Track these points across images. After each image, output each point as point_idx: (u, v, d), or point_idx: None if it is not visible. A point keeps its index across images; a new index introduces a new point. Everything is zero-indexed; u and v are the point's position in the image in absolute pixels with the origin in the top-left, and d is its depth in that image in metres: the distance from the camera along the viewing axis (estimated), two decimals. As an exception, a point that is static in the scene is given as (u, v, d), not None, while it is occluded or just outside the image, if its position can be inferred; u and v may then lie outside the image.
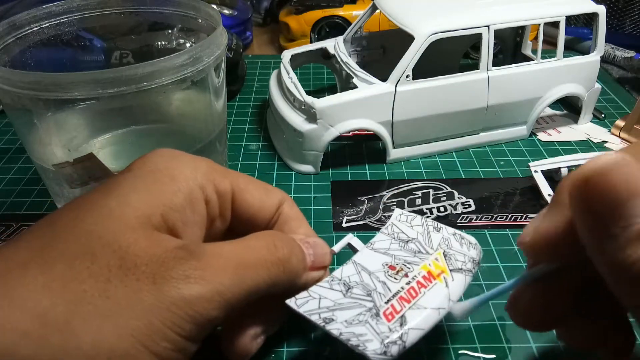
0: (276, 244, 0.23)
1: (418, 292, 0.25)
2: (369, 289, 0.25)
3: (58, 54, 0.41)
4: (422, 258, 0.26)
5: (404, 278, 0.25)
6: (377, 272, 0.25)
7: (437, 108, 0.46)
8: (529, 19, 0.45)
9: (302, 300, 0.24)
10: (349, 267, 0.26)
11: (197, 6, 0.39)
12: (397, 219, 0.29)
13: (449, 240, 0.28)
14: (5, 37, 0.35)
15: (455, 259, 0.27)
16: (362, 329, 0.23)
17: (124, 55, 0.46)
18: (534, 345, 0.31)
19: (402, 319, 0.23)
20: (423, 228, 0.29)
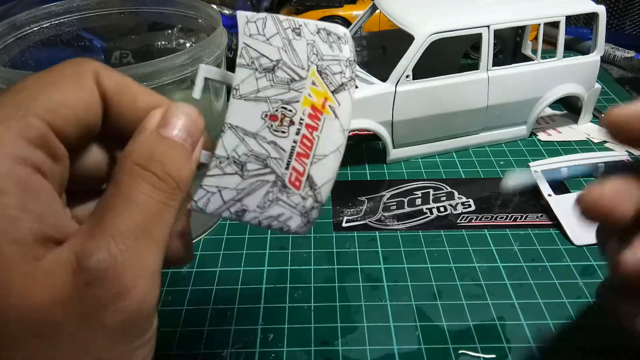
0: (159, 175, 0.18)
1: (312, 139, 0.22)
2: (263, 158, 0.22)
3: (58, 54, 0.41)
4: (299, 88, 0.23)
5: (292, 126, 0.22)
6: (260, 131, 0.22)
7: (437, 108, 0.45)
8: (529, 19, 0.45)
9: (202, 201, 0.22)
10: (229, 137, 0.22)
11: (197, 6, 0.39)
12: (247, 34, 0.23)
13: (316, 45, 0.24)
14: (6, 37, 0.35)
15: (331, 72, 0.23)
16: (277, 209, 0.22)
17: (124, 55, 0.46)
18: (534, 345, 0.31)
19: (309, 180, 0.22)
20: (282, 38, 0.24)
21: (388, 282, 0.35)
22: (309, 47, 0.23)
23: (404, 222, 0.41)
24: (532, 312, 0.33)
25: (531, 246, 0.38)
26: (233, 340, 0.32)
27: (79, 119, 0.18)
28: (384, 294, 0.34)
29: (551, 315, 0.33)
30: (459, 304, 0.34)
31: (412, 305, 0.34)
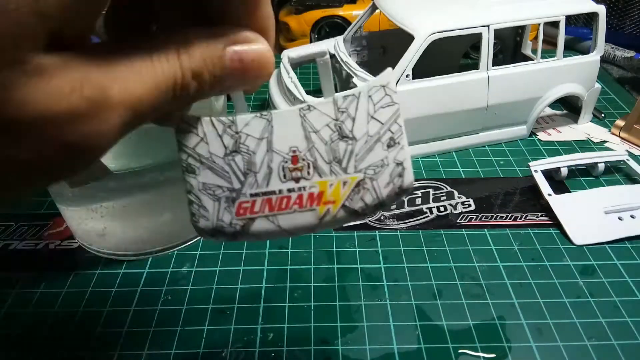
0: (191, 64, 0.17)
1: (289, 207, 0.21)
2: (250, 169, 0.21)
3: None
4: (333, 172, 0.22)
5: (291, 182, 0.21)
6: (277, 153, 0.21)
7: (437, 108, 0.45)
8: (529, 19, 0.45)
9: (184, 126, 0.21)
10: (257, 123, 0.21)
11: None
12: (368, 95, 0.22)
13: (386, 163, 0.22)
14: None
15: (361, 197, 0.22)
16: (209, 203, 0.21)
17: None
18: (534, 345, 0.31)
19: (248, 220, 0.21)
20: (378, 132, 0.22)
21: (388, 281, 0.35)
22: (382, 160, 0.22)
23: (403, 222, 0.41)
24: (532, 311, 0.33)
25: (531, 246, 0.38)
26: (233, 340, 0.31)
27: None
28: (384, 293, 0.34)
29: (551, 315, 0.33)
30: (459, 303, 0.34)
31: (412, 305, 0.34)
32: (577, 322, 0.32)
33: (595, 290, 0.35)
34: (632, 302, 0.34)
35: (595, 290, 0.35)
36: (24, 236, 0.39)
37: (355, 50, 0.54)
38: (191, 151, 0.21)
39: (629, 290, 0.35)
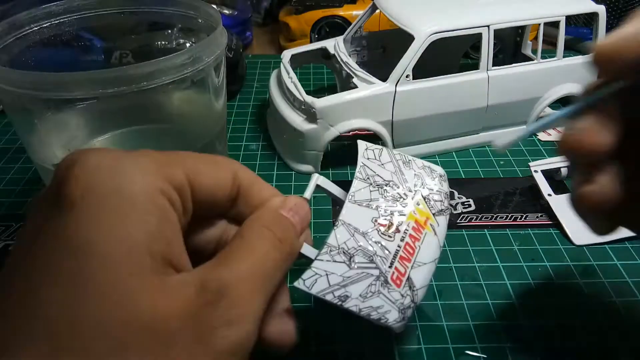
0: (279, 237, 0.22)
1: (414, 248, 0.26)
2: (370, 254, 0.25)
3: (58, 53, 0.41)
4: (405, 205, 0.27)
5: (397, 234, 0.26)
6: (369, 231, 0.26)
7: (437, 108, 0.45)
8: (529, 19, 0.45)
9: (309, 281, 0.24)
10: (341, 231, 0.25)
11: (197, 6, 0.39)
12: (366, 157, 0.28)
13: (422, 176, 0.29)
14: (5, 37, 0.35)
15: (433, 199, 0.28)
16: (378, 301, 0.24)
17: (124, 55, 0.46)
18: (534, 345, 0.31)
19: (409, 281, 0.25)
20: (394, 165, 0.29)
21: (388, 281, 0.35)
22: (416, 177, 0.29)
23: (404, 222, 0.41)
24: (531, 311, 0.33)
25: (531, 246, 0.38)
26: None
27: (210, 191, 0.22)
28: (384, 293, 0.34)
29: (552, 315, 0.33)
30: (459, 303, 0.34)
31: (412, 305, 0.34)
32: (577, 323, 0.32)
33: (595, 291, 0.35)
34: (632, 303, 0.34)
35: (595, 290, 0.35)
36: (24, 236, 0.39)
37: (355, 50, 0.54)
38: (330, 288, 0.24)
39: (629, 291, 0.35)
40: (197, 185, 0.21)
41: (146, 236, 0.18)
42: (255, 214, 0.23)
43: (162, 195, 0.19)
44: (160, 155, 0.21)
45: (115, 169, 0.19)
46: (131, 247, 0.17)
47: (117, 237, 0.17)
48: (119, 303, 0.17)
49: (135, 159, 0.20)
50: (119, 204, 0.18)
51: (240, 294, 0.19)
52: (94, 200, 0.18)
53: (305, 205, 0.25)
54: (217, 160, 0.23)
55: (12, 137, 0.52)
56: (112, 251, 0.17)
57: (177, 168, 0.21)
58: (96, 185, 0.18)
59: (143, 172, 0.19)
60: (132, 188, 0.18)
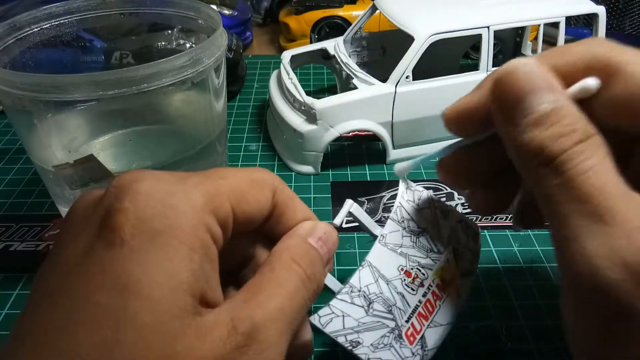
0: (309, 275, 0.21)
1: (434, 306, 0.26)
2: (389, 304, 0.25)
3: (58, 54, 0.41)
4: (435, 259, 0.27)
5: (420, 288, 0.26)
6: (394, 279, 0.25)
7: (437, 109, 0.45)
8: (528, 20, 0.45)
9: (325, 318, 0.23)
10: (366, 273, 0.25)
11: (197, 7, 0.39)
12: (404, 198, 0.28)
13: (457, 231, 0.28)
14: (6, 38, 0.35)
15: (463, 257, 0.27)
16: (388, 354, 0.24)
17: (124, 56, 0.46)
18: (534, 347, 0.31)
19: (422, 340, 0.25)
20: (431, 213, 0.28)
21: (388, 283, 0.35)
22: (451, 230, 0.28)
23: (404, 223, 0.41)
24: (531, 312, 0.33)
25: (531, 247, 0.38)
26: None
27: (251, 214, 0.22)
28: (384, 294, 0.34)
29: (551, 316, 0.33)
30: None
31: (412, 306, 0.34)
32: (577, 324, 0.32)
33: (595, 292, 0.35)
34: (632, 304, 0.34)
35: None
36: (25, 237, 0.40)
37: (355, 51, 0.54)
38: (343, 330, 0.23)
39: (629, 292, 0.35)
40: (239, 213, 0.21)
41: (190, 275, 0.18)
42: (284, 243, 0.23)
43: (207, 232, 0.19)
44: (210, 184, 0.20)
45: (167, 204, 0.18)
46: (176, 288, 0.17)
47: (164, 278, 0.17)
48: (158, 345, 0.16)
49: (186, 192, 0.19)
50: (169, 243, 0.18)
51: (270, 337, 0.19)
52: (145, 238, 0.17)
53: (334, 234, 0.24)
54: (261, 180, 0.23)
55: (12, 138, 0.52)
56: (158, 292, 0.17)
57: (224, 199, 0.20)
58: (148, 223, 0.18)
59: (193, 208, 0.19)
60: (182, 227, 0.18)
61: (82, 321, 0.16)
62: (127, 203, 0.18)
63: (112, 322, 0.16)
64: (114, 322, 0.16)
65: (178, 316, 0.17)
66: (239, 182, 0.21)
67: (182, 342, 0.17)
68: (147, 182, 0.19)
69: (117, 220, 0.18)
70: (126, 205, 0.18)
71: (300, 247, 0.23)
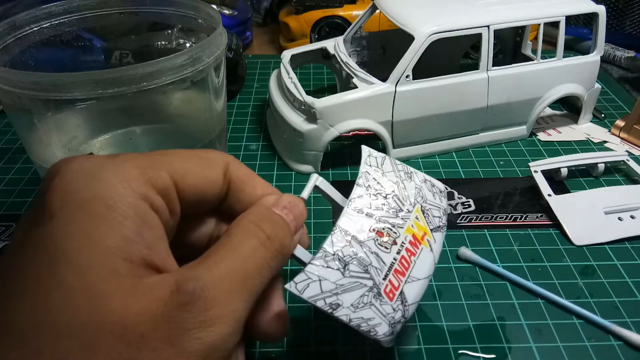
0: (268, 234, 0.21)
1: (409, 262, 0.26)
2: (365, 264, 0.25)
3: (58, 54, 0.41)
4: (404, 218, 0.27)
5: (394, 246, 0.26)
6: (367, 241, 0.25)
7: (437, 108, 0.45)
8: (528, 19, 0.45)
9: (302, 284, 0.23)
10: (338, 237, 0.25)
11: (197, 6, 0.39)
12: (368, 164, 0.28)
13: (422, 190, 0.29)
14: (5, 37, 0.35)
15: (432, 214, 0.28)
16: (369, 313, 0.24)
17: (124, 56, 0.46)
18: (534, 345, 0.31)
19: (401, 295, 0.25)
20: (396, 175, 0.28)
21: (388, 282, 0.35)
22: (417, 189, 0.28)
23: (403, 222, 0.40)
24: (531, 312, 0.33)
25: (531, 246, 0.38)
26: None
27: (199, 189, 0.22)
28: (384, 294, 0.34)
29: (551, 316, 0.33)
30: (459, 304, 0.34)
31: (412, 305, 0.34)
32: (577, 323, 0.32)
33: (595, 291, 0.35)
34: (632, 303, 0.34)
35: (595, 290, 0.35)
36: (24, 237, 0.39)
37: (355, 50, 0.54)
38: (321, 294, 0.23)
39: (629, 291, 0.35)
40: (184, 186, 0.21)
41: (122, 240, 0.18)
42: (246, 212, 0.22)
43: (143, 201, 0.19)
44: (145, 159, 0.21)
45: (95, 176, 0.19)
46: (103, 252, 0.18)
47: (90, 243, 0.18)
48: (87, 306, 0.17)
49: (116, 165, 0.20)
50: (95, 211, 0.18)
51: (217, 295, 0.18)
52: (72, 209, 0.18)
53: (300, 204, 0.24)
54: (208, 157, 0.23)
55: (12, 137, 0.52)
56: (85, 257, 0.17)
57: (162, 171, 0.20)
58: (74, 194, 0.18)
59: (123, 178, 0.19)
60: (109, 194, 0.19)
61: (14, 294, 0.17)
62: (57, 181, 0.19)
63: (42, 290, 0.17)
64: (45, 290, 0.17)
65: (107, 278, 0.17)
66: (180, 159, 0.22)
67: (115, 301, 0.17)
68: (77, 160, 0.20)
69: (46, 197, 0.18)
70: (55, 183, 0.19)
71: (261, 212, 0.23)
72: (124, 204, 0.19)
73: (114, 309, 0.17)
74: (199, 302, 0.18)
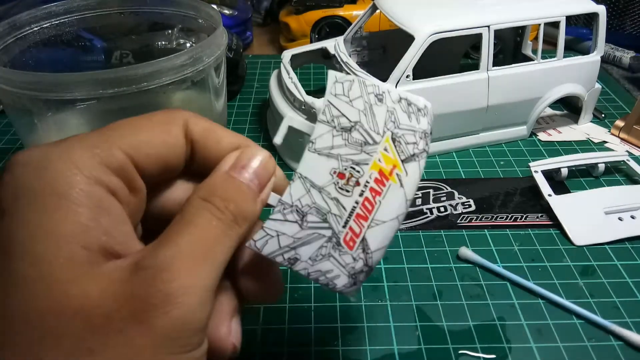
0: (218, 206, 0.20)
1: (374, 203, 0.23)
2: (324, 212, 0.23)
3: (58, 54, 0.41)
4: (370, 152, 0.24)
5: (356, 187, 0.23)
6: (326, 186, 0.23)
7: (437, 108, 0.45)
8: (529, 19, 0.45)
9: (261, 242, 0.22)
10: (296, 187, 0.23)
11: (197, 6, 0.39)
12: (333, 93, 0.24)
13: (395, 112, 0.24)
14: (6, 38, 0.35)
15: (405, 141, 0.24)
16: (327, 265, 0.23)
17: (125, 55, 0.46)
18: (534, 346, 0.31)
19: (363, 242, 0.23)
20: (364, 102, 0.24)
21: (388, 282, 0.35)
22: (388, 113, 0.24)
23: (404, 222, 0.40)
24: (532, 312, 0.33)
25: (531, 246, 0.38)
26: (233, 340, 0.31)
27: (160, 157, 0.21)
28: (384, 294, 0.34)
29: (551, 316, 0.33)
30: (459, 304, 0.34)
31: (412, 305, 0.34)
32: (577, 323, 0.32)
33: (596, 291, 0.35)
34: (632, 303, 0.34)
35: (595, 290, 0.35)
36: (25, 236, 0.39)
37: (355, 50, 0.54)
38: (280, 250, 0.22)
39: (629, 291, 0.35)
40: (142, 158, 0.20)
41: (77, 228, 0.18)
42: (201, 184, 0.21)
43: (97, 185, 0.19)
44: (94, 137, 0.20)
45: (42, 166, 0.18)
46: (58, 241, 0.17)
47: (44, 233, 0.17)
48: (45, 294, 0.17)
49: (64, 151, 0.19)
50: (47, 201, 0.18)
51: (180, 267, 0.18)
52: (24, 202, 0.18)
53: (264, 156, 0.22)
54: (163, 119, 0.21)
55: (12, 137, 0.52)
56: (40, 247, 0.17)
57: (114, 148, 0.19)
58: (24, 187, 0.18)
59: (72, 164, 0.18)
60: (60, 183, 0.18)
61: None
62: (7, 177, 0.18)
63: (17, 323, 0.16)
64: (2, 284, 0.17)
65: (64, 266, 0.17)
66: (132, 129, 0.20)
67: (74, 287, 0.17)
68: (26, 152, 0.19)
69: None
70: (5, 179, 0.18)
71: (212, 183, 0.21)
72: (76, 191, 0.18)
73: (73, 295, 0.17)
74: (162, 275, 0.17)
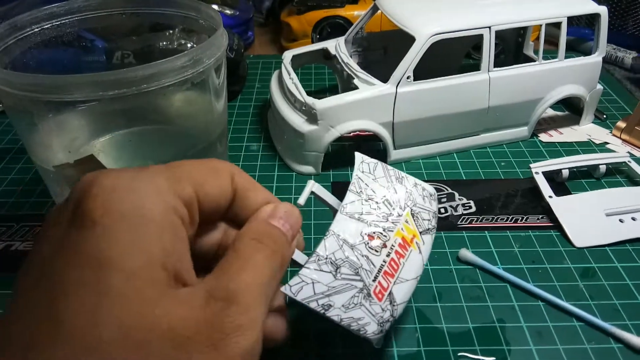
0: (272, 249, 0.23)
1: (398, 264, 0.27)
2: (356, 267, 0.26)
3: (59, 55, 0.41)
4: (395, 222, 0.28)
5: (384, 249, 0.27)
6: (357, 244, 0.27)
7: (438, 109, 0.45)
8: (530, 20, 0.45)
9: (296, 287, 0.24)
10: (330, 242, 0.26)
11: (198, 7, 0.39)
12: (361, 170, 0.29)
13: (413, 194, 0.30)
14: (7, 39, 0.35)
15: (421, 217, 0.29)
16: (359, 313, 0.25)
17: (126, 56, 0.46)
18: (533, 348, 0.31)
19: (390, 296, 0.26)
20: (387, 181, 0.30)
21: (388, 283, 0.35)
22: (407, 194, 0.30)
23: (404, 224, 0.40)
24: (532, 314, 0.33)
25: (532, 248, 0.38)
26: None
27: (215, 199, 0.23)
28: (384, 295, 0.34)
29: (551, 318, 0.33)
30: (459, 306, 0.34)
31: (412, 307, 0.34)
32: (577, 325, 0.32)
33: (596, 293, 0.35)
34: (633, 305, 0.34)
35: (595, 293, 0.35)
36: (26, 237, 0.40)
37: (356, 51, 0.54)
38: (314, 296, 0.24)
39: (630, 293, 0.35)
40: (202, 196, 0.22)
41: (162, 252, 0.19)
42: (247, 227, 0.23)
43: (174, 214, 0.20)
44: (170, 171, 0.22)
45: (132, 188, 0.20)
46: (148, 261, 0.18)
47: (135, 252, 0.18)
48: (138, 310, 0.18)
49: (149, 178, 0.21)
50: (137, 222, 0.19)
51: (248, 300, 0.20)
52: (114, 218, 0.19)
53: (295, 212, 0.25)
54: (218, 167, 0.24)
55: (13, 138, 0.52)
56: (131, 265, 0.18)
57: (186, 183, 0.22)
58: (115, 205, 0.19)
59: (157, 191, 0.20)
60: (148, 207, 0.19)
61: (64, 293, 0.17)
62: (96, 190, 0.19)
63: (91, 292, 0.17)
64: (94, 292, 0.17)
65: (154, 286, 0.18)
66: (196, 169, 0.23)
67: (160, 307, 0.18)
68: (111, 173, 0.20)
69: (87, 205, 0.19)
70: (94, 192, 0.19)
71: (261, 228, 0.24)
72: (162, 217, 0.20)
73: (160, 315, 0.18)
74: (234, 307, 0.19)
